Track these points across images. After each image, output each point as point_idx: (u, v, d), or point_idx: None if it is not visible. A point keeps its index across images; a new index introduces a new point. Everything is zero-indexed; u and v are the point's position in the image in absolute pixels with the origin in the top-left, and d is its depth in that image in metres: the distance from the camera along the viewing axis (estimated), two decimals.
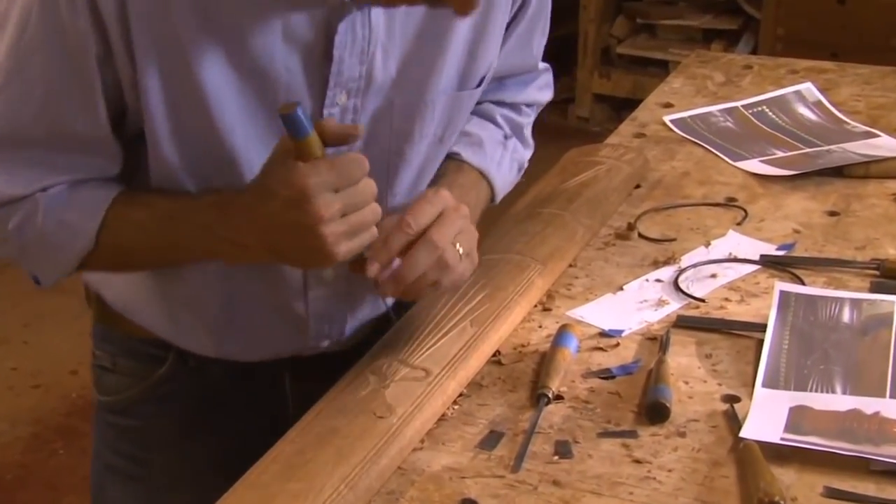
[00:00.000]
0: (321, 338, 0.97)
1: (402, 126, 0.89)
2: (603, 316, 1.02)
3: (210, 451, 0.97)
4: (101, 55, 0.78)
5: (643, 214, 1.23)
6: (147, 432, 0.97)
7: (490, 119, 1.04)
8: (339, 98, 0.84)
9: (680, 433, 0.85)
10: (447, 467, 0.82)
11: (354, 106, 0.85)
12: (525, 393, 0.91)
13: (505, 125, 1.05)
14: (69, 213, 0.83)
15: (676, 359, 0.95)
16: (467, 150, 0.99)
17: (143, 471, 0.98)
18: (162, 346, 0.95)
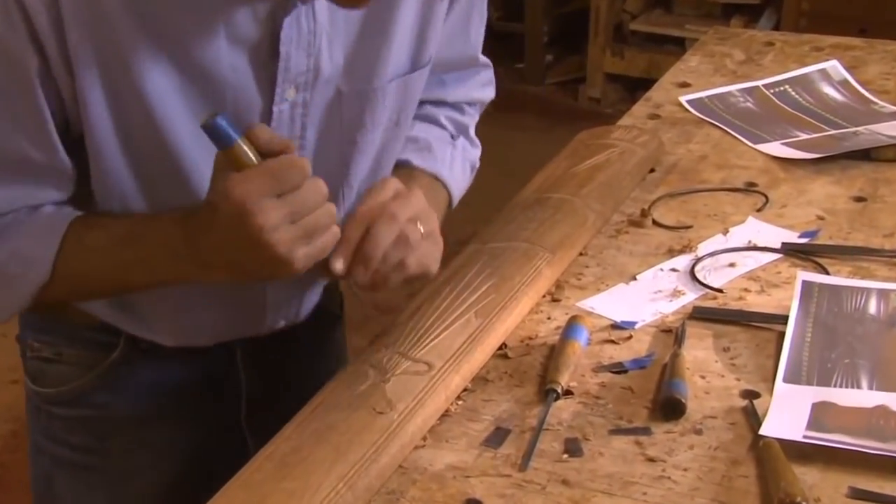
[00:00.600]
0: (278, 319, 0.99)
1: (352, 116, 0.91)
2: (615, 307, 1.03)
3: (168, 435, 0.99)
4: (41, 70, 0.78)
5: (658, 200, 1.23)
6: (102, 421, 0.98)
7: (433, 121, 1.05)
8: (287, 93, 0.85)
9: (696, 430, 0.85)
10: (451, 466, 0.83)
11: (304, 100, 0.87)
12: (533, 388, 0.92)
13: (449, 125, 1.06)
14: (23, 241, 0.83)
15: (692, 352, 0.95)
16: (416, 156, 1.00)
17: (98, 460, 1.00)
18: (112, 332, 0.95)
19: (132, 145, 0.83)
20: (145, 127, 0.81)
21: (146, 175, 0.85)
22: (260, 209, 0.76)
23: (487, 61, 1.08)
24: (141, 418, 0.98)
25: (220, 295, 0.93)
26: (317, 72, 0.86)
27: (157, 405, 0.98)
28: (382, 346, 0.92)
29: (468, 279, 1.02)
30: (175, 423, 0.99)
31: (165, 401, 0.98)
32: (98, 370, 0.96)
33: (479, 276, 1.02)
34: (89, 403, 0.98)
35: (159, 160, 0.83)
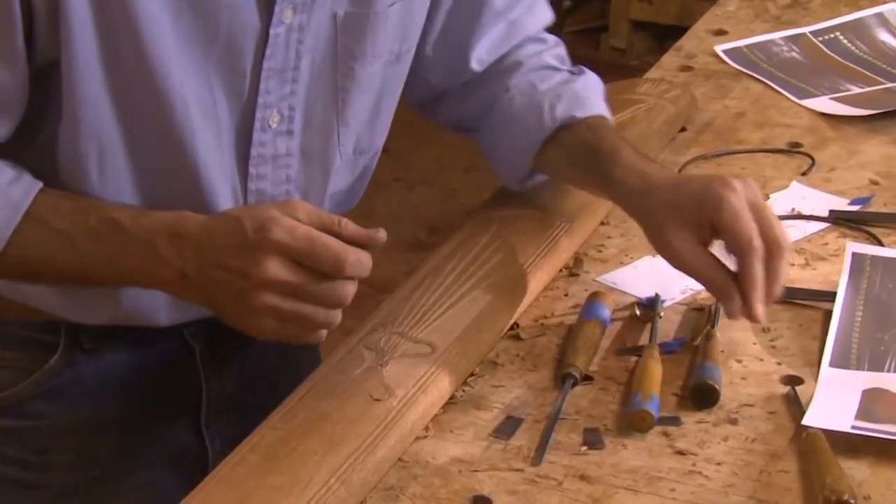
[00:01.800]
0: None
1: (350, 43, 0.91)
2: (640, 282, 1.03)
3: (117, 445, 0.99)
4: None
5: (689, 163, 1.23)
6: (40, 433, 0.98)
7: (545, 67, 1.05)
8: (285, 14, 0.86)
9: (731, 420, 0.86)
10: (456, 459, 0.84)
11: (300, 23, 0.87)
12: (548, 372, 0.92)
13: (558, 63, 1.07)
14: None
15: (727, 333, 0.95)
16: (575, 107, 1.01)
17: (38, 476, 0.99)
18: (51, 329, 0.94)
19: (117, 72, 0.82)
20: (132, 51, 0.81)
21: (122, 98, 0.84)
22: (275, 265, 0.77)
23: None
24: (84, 428, 0.98)
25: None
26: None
27: (101, 412, 0.98)
28: (380, 325, 0.92)
29: (476, 251, 1.02)
30: (124, 431, 0.99)
31: (112, 407, 0.98)
32: (36, 375, 0.95)
33: (488, 247, 1.03)
34: (26, 413, 0.97)
35: (137, 82, 0.83)
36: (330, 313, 0.81)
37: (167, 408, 1.00)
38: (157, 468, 0.99)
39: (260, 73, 0.87)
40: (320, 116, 0.92)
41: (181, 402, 1.00)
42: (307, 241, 0.79)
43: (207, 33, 0.83)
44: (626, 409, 0.86)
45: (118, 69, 0.82)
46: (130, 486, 0.99)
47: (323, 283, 0.79)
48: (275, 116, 0.89)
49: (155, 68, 0.82)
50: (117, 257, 0.83)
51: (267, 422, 0.83)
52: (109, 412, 0.98)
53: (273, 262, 0.78)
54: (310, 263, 0.79)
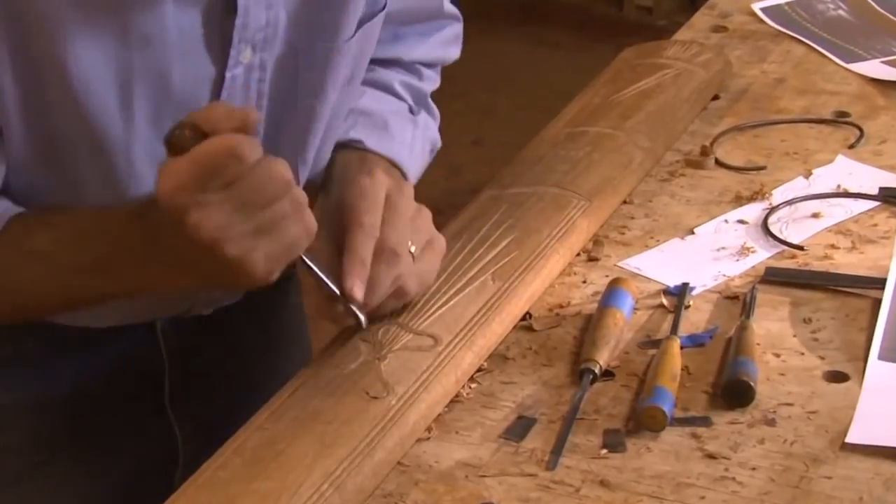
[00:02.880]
0: (209, 304, 1.01)
1: (311, 78, 0.94)
2: (667, 268, 1.04)
3: (67, 428, 0.99)
4: None
5: (723, 135, 1.24)
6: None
7: (387, 89, 1.07)
8: (243, 55, 0.88)
9: (768, 421, 0.87)
10: (462, 463, 0.84)
11: (261, 61, 0.90)
12: (564, 367, 0.93)
13: (406, 94, 1.08)
14: None
15: (764, 324, 0.96)
16: (370, 135, 1.02)
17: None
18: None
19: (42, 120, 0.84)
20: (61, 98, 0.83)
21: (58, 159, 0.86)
22: (195, 205, 0.77)
23: (455, 12, 1.10)
24: (30, 407, 0.99)
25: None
26: (275, 27, 0.89)
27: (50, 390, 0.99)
28: (377, 315, 0.93)
29: (484, 233, 1.03)
30: (75, 413, 1.00)
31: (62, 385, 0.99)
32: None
33: (497, 228, 1.03)
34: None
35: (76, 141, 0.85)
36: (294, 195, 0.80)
37: (125, 386, 1.00)
38: (114, 453, 1.00)
39: None
40: (281, 151, 0.94)
41: (141, 380, 1.01)
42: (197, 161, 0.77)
43: (160, 92, 0.86)
44: (636, 407, 0.87)
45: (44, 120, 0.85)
46: (83, 472, 1.00)
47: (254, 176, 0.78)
48: None
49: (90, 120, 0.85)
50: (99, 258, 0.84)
51: (253, 421, 0.84)
52: (59, 390, 0.99)
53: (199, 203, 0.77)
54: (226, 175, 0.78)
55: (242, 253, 0.79)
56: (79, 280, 0.86)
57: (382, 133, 1.03)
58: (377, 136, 1.02)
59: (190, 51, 0.87)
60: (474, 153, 3.07)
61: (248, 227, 0.79)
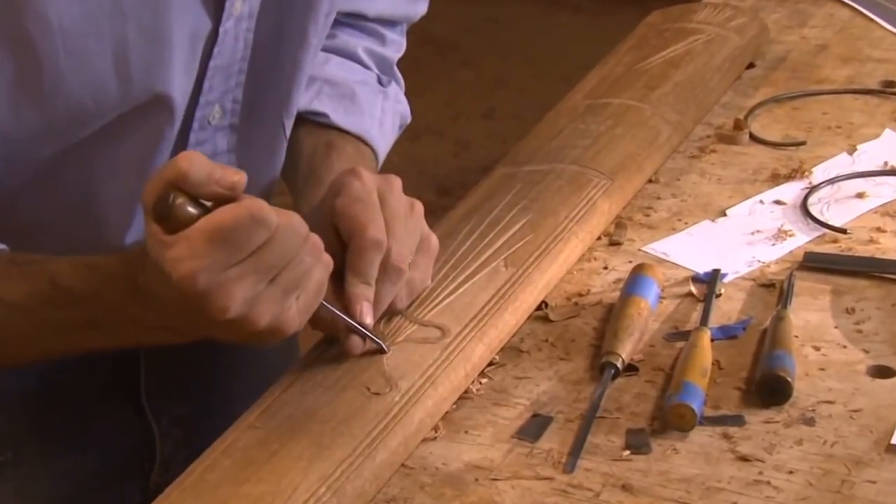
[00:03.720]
0: None
1: (294, 23, 0.95)
2: (696, 253, 1.04)
3: (32, 424, 1.00)
4: None
5: (758, 107, 1.24)
6: None
7: (350, 56, 1.07)
8: (234, 7, 0.90)
9: (806, 420, 0.87)
10: (471, 465, 0.85)
11: (250, 9, 0.91)
12: (583, 361, 0.94)
13: (371, 63, 1.08)
14: None
15: (803, 315, 0.97)
16: (338, 109, 1.02)
17: None
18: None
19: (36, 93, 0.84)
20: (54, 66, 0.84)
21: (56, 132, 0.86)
22: (218, 285, 0.77)
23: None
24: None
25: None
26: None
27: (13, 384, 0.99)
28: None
29: (496, 214, 1.03)
30: (41, 408, 1.00)
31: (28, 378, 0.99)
32: None
33: (510, 209, 1.04)
34: None
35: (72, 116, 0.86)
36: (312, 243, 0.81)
37: (97, 377, 1.01)
38: (84, 452, 1.01)
39: (205, 73, 0.91)
40: (266, 104, 0.95)
41: (114, 370, 1.02)
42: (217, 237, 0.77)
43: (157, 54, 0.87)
44: (662, 405, 0.87)
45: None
46: (50, 472, 1.01)
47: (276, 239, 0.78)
48: (216, 112, 0.93)
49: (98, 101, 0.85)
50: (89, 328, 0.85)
51: (243, 419, 0.84)
52: (24, 384, 0.99)
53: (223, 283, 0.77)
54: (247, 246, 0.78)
55: (275, 318, 0.80)
56: (69, 336, 0.86)
57: (350, 106, 1.03)
58: (343, 108, 1.03)
59: (188, 8, 0.87)
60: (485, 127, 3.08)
61: (277, 291, 0.80)
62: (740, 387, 0.90)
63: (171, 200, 0.76)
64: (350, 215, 0.88)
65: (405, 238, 0.90)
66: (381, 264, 0.88)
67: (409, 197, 0.92)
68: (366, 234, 0.87)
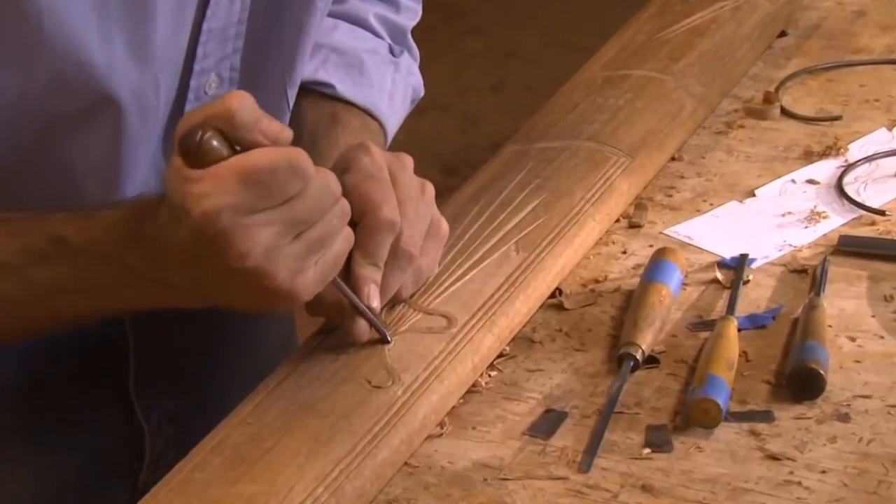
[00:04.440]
0: None
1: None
2: (723, 236, 1.05)
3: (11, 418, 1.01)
4: None
5: (790, 79, 1.24)
6: None
7: (360, 22, 1.07)
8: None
9: (840, 416, 0.87)
10: (480, 464, 0.85)
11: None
12: (599, 353, 0.94)
13: (383, 31, 1.08)
14: None
15: (837, 303, 0.97)
16: (345, 80, 1.02)
17: None
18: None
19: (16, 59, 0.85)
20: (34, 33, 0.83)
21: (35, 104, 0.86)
22: (241, 229, 0.77)
23: None
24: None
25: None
26: None
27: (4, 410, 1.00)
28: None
29: (506, 195, 1.04)
30: (21, 402, 1.01)
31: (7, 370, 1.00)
32: None
33: (521, 190, 1.04)
34: None
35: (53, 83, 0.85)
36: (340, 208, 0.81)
37: (83, 369, 1.01)
38: (67, 450, 1.02)
39: (198, 38, 0.90)
40: (267, 72, 0.95)
41: (102, 363, 1.02)
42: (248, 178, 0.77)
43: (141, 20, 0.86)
44: (685, 399, 0.88)
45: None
46: (30, 469, 1.01)
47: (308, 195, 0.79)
48: (212, 81, 0.93)
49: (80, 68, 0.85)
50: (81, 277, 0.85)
51: (235, 414, 0.85)
52: (3, 375, 1.00)
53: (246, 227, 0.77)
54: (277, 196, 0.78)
55: (291, 278, 0.80)
56: (58, 299, 0.86)
57: (358, 77, 1.03)
58: (351, 79, 1.03)
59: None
60: (494, 101, 3.07)
61: (300, 248, 0.80)
62: (769, 380, 0.90)
63: (202, 135, 0.77)
64: (362, 192, 0.88)
65: (416, 221, 0.90)
66: (392, 248, 0.88)
67: (419, 177, 0.92)
68: (379, 214, 0.87)
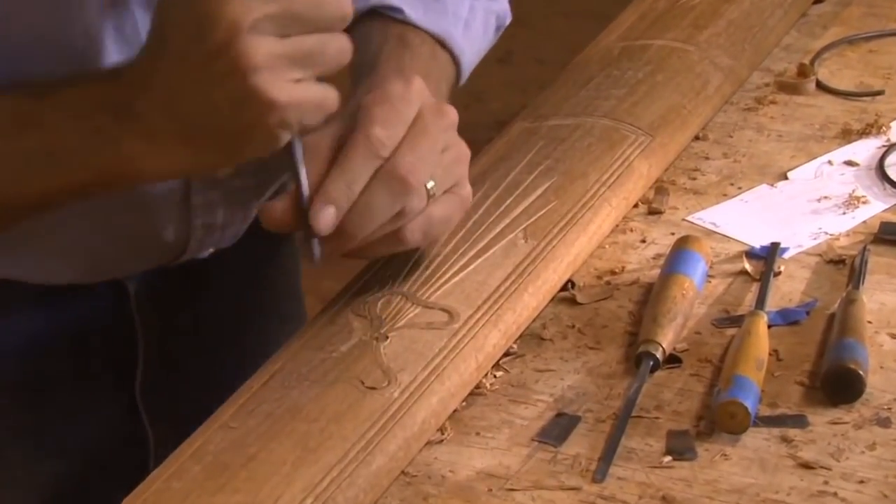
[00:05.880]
0: (202, 248, 1.04)
1: None
2: (751, 223, 1.05)
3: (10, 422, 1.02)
4: None
5: (827, 49, 1.24)
6: None
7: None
8: None
9: (881, 421, 0.88)
10: (484, 472, 0.86)
11: None
12: (616, 351, 0.95)
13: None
14: None
15: (878, 296, 0.97)
16: (416, 4, 1.01)
17: None
18: None
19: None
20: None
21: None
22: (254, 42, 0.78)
23: None
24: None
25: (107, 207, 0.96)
26: None
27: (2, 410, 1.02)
28: (375, 283, 0.94)
29: (514, 177, 1.04)
30: (20, 404, 1.02)
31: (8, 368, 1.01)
32: None
33: (531, 171, 1.05)
34: None
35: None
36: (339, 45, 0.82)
37: (88, 371, 1.02)
38: (68, 457, 1.03)
39: None
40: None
41: (107, 363, 1.03)
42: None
43: None
44: (710, 403, 0.88)
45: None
46: (29, 477, 1.03)
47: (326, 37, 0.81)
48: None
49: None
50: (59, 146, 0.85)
51: (216, 417, 0.85)
52: (4, 374, 1.01)
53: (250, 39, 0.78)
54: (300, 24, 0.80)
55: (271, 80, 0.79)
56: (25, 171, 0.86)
57: (430, 1, 1.02)
58: (422, 3, 1.02)
59: None
60: (501, 74, 3.07)
61: (288, 48, 0.80)
62: (803, 381, 0.91)
63: None
64: (365, 109, 0.87)
65: (425, 155, 0.87)
66: (384, 170, 0.86)
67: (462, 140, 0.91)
68: (369, 129, 0.86)
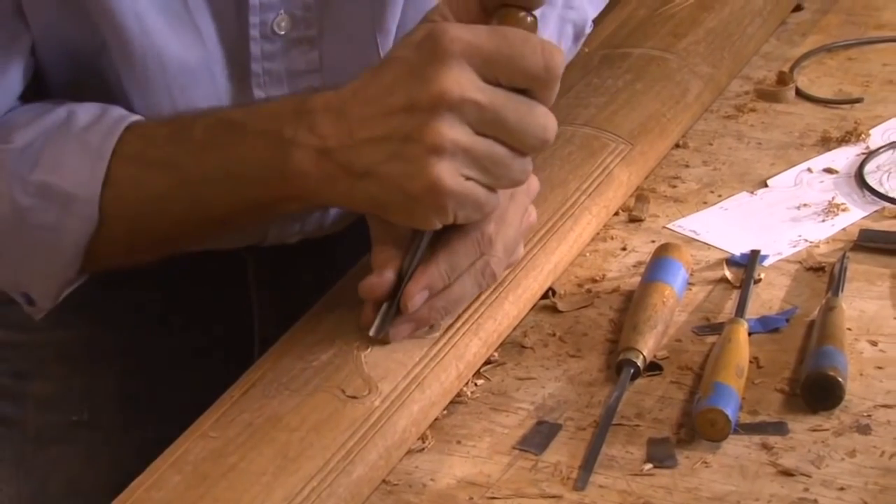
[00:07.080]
0: (287, 236, 1.05)
1: None
2: (732, 231, 1.05)
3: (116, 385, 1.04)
4: None
5: (806, 57, 1.24)
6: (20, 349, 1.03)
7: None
8: None
9: (860, 428, 0.88)
10: (465, 481, 0.86)
11: None
12: (596, 359, 0.95)
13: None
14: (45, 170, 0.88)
15: (857, 303, 0.98)
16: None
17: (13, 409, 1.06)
18: None
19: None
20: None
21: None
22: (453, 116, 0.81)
23: None
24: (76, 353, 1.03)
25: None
26: None
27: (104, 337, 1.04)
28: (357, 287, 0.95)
29: None
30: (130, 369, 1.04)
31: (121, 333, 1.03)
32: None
33: None
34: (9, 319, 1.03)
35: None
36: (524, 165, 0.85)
37: (196, 345, 1.04)
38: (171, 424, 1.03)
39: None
40: (351, 15, 0.95)
41: (220, 341, 1.04)
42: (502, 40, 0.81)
43: None
44: (691, 410, 0.88)
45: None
46: (129, 440, 1.04)
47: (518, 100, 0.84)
48: (281, 20, 0.94)
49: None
50: (235, 160, 0.87)
51: (194, 427, 0.85)
52: (115, 339, 1.03)
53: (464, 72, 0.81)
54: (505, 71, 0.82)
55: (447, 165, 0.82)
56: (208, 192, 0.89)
57: None
58: None
59: None
60: None
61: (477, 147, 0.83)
62: (783, 389, 0.91)
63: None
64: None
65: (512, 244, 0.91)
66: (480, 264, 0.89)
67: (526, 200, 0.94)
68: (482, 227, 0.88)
